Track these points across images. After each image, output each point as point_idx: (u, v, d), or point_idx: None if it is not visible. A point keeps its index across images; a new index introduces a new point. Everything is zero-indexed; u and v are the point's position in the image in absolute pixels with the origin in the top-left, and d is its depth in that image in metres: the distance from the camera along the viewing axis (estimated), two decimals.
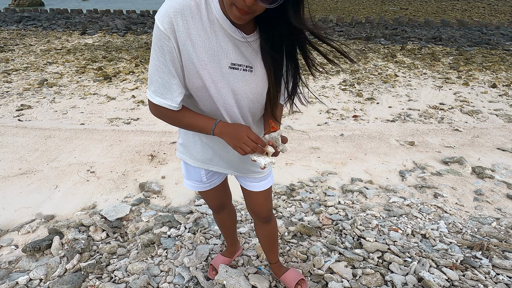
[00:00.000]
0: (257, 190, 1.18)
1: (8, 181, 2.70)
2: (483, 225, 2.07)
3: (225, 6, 0.79)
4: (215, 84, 0.88)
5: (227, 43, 0.86)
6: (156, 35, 0.83)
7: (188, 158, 1.13)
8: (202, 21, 0.82)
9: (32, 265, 1.70)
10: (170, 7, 0.80)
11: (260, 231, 1.37)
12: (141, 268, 1.62)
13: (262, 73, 0.92)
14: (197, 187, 1.23)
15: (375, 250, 1.68)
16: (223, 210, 1.40)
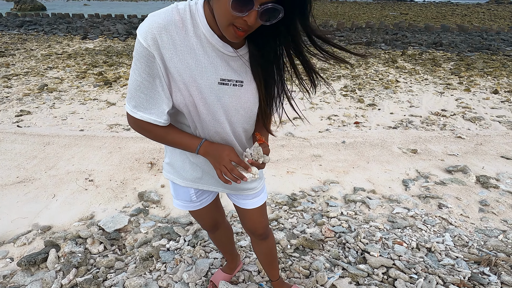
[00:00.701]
0: (250, 208, 1.14)
1: (5, 189, 2.66)
2: (489, 238, 2.02)
3: (220, 26, 0.76)
4: (204, 100, 0.85)
5: (215, 58, 0.83)
6: (138, 51, 0.79)
7: (176, 177, 1.09)
8: (188, 36, 0.80)
9: (27, 280, 1.66)
10: (154, 23, 0.77)
11: (258, 249, 1.33)
12: (139, 283, 1.57)
13: (253, 87, 0.89)
14: (187, 206, 1.18)
15: (380, 266, 1.64)
16: (217, 229, 1.35)
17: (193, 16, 0.80)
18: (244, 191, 1.10)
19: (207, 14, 0.80)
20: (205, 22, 0.80)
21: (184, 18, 0.79)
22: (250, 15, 0.71)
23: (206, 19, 0.80)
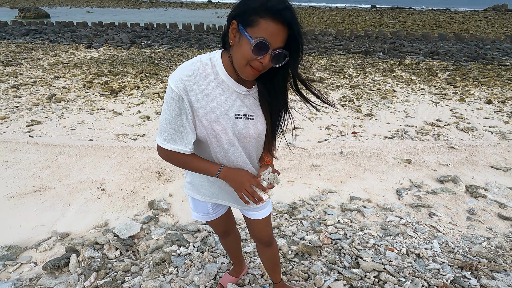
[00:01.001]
0: (258, 218, 1.32)
1: (23, 198, 2.83)
2: (474, 244, 2.19)
3: (238, 66, 0.96)
4: (224, 131, 1.04)
5: (232, 97, 1.03)
6: (169, 95, 0.99)
7: (196, 194, 1.28)
8: (210, 82, 1.00)
9: (52, 282, 1.83)
10: (183, 73, 0.98)
11: (263, 254, 1.50)
12: (154, 285, 1.75)
13: (262, 119, 1.09)
14: (204, 218, 1.37)
15: (372, 270, 1.81)
16: (228, 235, 1.53)
17: (213, 65, 1.00)
18: (253, 205, 1.28)
19: (225, 63, 1.01)
20: (223, 69, 1.01)
21: (206, 68, 1.00)
22: (265, 58, 0.91)
23: (224, 67, 1.01)
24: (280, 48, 0.91)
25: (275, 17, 0.87)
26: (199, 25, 16.59)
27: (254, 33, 0.88)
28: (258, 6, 0.87)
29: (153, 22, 18.13)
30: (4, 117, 5.07)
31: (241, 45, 0.92)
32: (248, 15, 0.89)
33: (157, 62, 9.11)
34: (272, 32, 0.88)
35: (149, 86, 6.97)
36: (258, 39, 0.87)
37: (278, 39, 0.89)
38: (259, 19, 0.87)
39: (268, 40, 0.88)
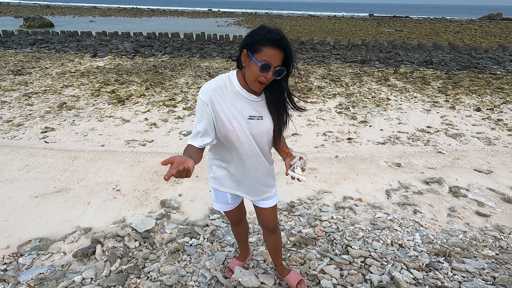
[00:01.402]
0: (266, 207, 1.62)
1: (46, 198, 3.12)
2: (451, 237, 2.47)
3: (249, 81, 1.30)
4: (241, 129, 1.37)
5: (245, 103, 1.36)
6: (199, 103, 1.34)
7: (220, 186, 1.59)
8: (228, 93, 1.34)
9: (82, 268, 2.10)
10: (210, 87, 1.33)
11: (268, 240, 1.78)
12: (171, 269, 2.02)
13: (269, 119, 1.42)
14: (224, 208, 1.67)
15: (359, 256, 2.09)
16: (240, 224, 1.83)
17: (230, 81, 1.35)
18: (264, 194, 1.58)
19: (239, 79, 1.35)
20: (238, 83, 1.35)
21: (226, 83, 1.34)
22: (269, 74, 1.25)
23: (238, 81, 1.34)
24: (279, 66, 1.24)
25: (273, 45, 1.21)
26: (201, 34, 17.04)
27: (260, 57, 1.22)
28: (261, 38, 1.22)
29: (155, 31, 18.59)
30: (19, 124, 5.37)
31: (250, 66, 1.25)
32: (254, 44, 1.23)
33: (161, 71, 9.47)
34: (272, 56, 1.22)
35: (155, 94, 7.30)
36: (263, 61, 1.21)
37: (277, 59, 1.23)
38: (262, 47, 1.22)
39: (270, 62, 1.22)
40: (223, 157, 1.49)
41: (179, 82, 8.37)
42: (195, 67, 10.13)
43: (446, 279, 1.87)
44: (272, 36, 1.20)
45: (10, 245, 2.41)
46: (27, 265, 2.16)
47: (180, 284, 1.92)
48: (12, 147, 4.34)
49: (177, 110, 6.32)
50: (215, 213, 2.86)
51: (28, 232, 2.57)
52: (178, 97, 7.10)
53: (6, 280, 1.97)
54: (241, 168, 1.48)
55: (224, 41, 16.01)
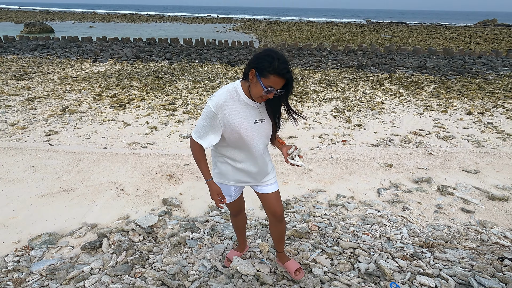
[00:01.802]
0: (270, 192, 1.79)
1: (53, 197, 3.27)
2: (436, 231, 2.63)
3: (254, 96, 1.51)
4: (250, 131, 1.58)
5: (250, 110, 1.57)
6: (208, 111, 1.53)
7: (225, 180, 1.77)
8: (235, 102, 1.55)
9: (90, 259, 2.25)
10: (220, 101, 1.53)
11: (275, 228, 1.92)
12: (174, 260, 2.17)
13: (269, 121, 1.65)
14: (228, 199, 1.85)
15: (349, 247, 2.24)
16: (239, 215, 1.99)
17: (237, 92, 1.55)
18: (265, 178, 1.77)
19: (244, 89, 1.55)
20: (243, 93, 1.55)
21: (233, 94, 1.54)
22: (271, 94, 1.47)
23: (243, 91, 1.55)
24: (279, 89, 1.48)
25: (279, 76, 1.44)
26: (200, 40, 17.30)
27: (266, 82, 1.45)
28: (270, 68, 1.43)
29: (155, 36, 18.85)
30: (23, 128, 5.52)
31: (257, 86, 1.48)
32: (263, 70, 1.44)
33: (161, 76, 9.66)
34: (276, 82, 1.45)
35: (155, 99, 7.47)
36: (268, 87, 1.45)
37: (279, 85, 1.47)
38: (269, 75, 1.44)
39: (273, 87, 1.45)
40: (231, 156, 1.69)
41: (179, 86, 8.55)
42: (194, 72, 10.33)
43: (428, 267, 2.02)
44: (280, 69, 1.42)
45: (21, 240, 2.55)
46: (38, 257, 2.31)
47: (182, 273, 2.07)
48: (18, 149, 4.49)
49: (177, 114, 6.49)
50: (215, 210, 3.01)
51: (37, 228, 2.72)
52: (178, 101, 7.28)
53: (20, 270, 2.11)
54: (248, 162, 1.69)
55: (223, 47, 16.26)
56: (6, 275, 2.07)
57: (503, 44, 21.53)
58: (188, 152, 4.56)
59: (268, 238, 2.45)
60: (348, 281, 1.90)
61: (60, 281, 2.00)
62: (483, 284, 1.76)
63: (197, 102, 7.23)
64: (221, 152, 1.71)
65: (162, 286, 1.92)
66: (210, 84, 8.79)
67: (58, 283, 1.99)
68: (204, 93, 7.94)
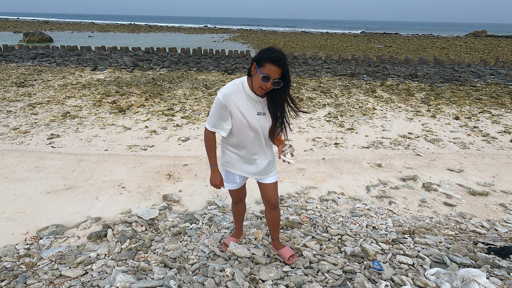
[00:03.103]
0: (269, 182, 1.97)
1: (58, 194, 3.42)
2: (419, 221, 2.83)
3: (254, 87, 1.70)
4: (252, 121, 1.76)
5: (254, 103, 1.76)
6: (217, 102, 1.73)
7: (232, 169, 1.94)
8: (241, 95, 1.74)
9: (96, 247, 2.41)
10: (227, 91, 1.72)
11: (270, 216, 2.10)
12: (175, 247, 2.34)
13: (269, 116, 1.81)
14: (232, 186, 2.02)
15: (337, 234, 2.43)
16: (240, 203, 2.16)
17: (243, 85, 1.74)
18: (267, 173, 1.94)
19: (249, 84, 1.74)
20: (248, 88, 1.74)
21: (239, 87, 1.74)
22: (268, 83, 1.63)
23: (248, 86, 1.74)
24: (277, 78, 1.64)
25: (274, 63, 1.61)
26: (197, 49, 17.66)
27: (263, 70, 1.62)
28: (266, 57, 1.62)
29: (153, 46, 19.19)
30: (25, 132, 5.68)
31: (256, 76, 1.66)
32: (261, 61, 1.64)
33: (160, 83, 9.89)
34: (272, 70, 1.61)
35: (154, 104, 7.68)
36: (264, 74, 1.61)
37: (276, 74, 1.61)
38: (265, 63, 1.62)
39: (269, 75, 1.61)
40: (236, 144, 1.86)
41: (177, 93, 8.78)
42: (192, 80, 10.58)
43: (408, 249, 2.21)
44: (274, 57, 1.60)
45: (29, 231, 2.70)
46: (47, 245, 2.46)
47: (183, 258, 2.23)
48: (21, 151, 4.64)
49: (175, 118, 6.69)
50: (212, 204, 3.19)
51: (44, 221, 2.87)
52: (176, 107, 7.49)
53: (31, 255, 2.26)
54: (249, 151, 1.86)
55: (220, 56, 16.61)
56: (18, 260, 2.22)
57: (492, 54, 22.19)
58: (186, 153, 4.75)
59: (262, 227, 2.63)
60: (335, 261, 2.08)
61: (69, 265, 2.15)
62: (455, 261, 1.95)
63: (195, 108, 7.45)
64: (228, 142, 1.88)
65: (164, 267, 2.09)
66: (207, 91, 9.04)
67: (67, 267, 2.14)
68: (201, 99, 8.17)
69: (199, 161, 4.40)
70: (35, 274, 2.06)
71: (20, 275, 2.00)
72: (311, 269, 2.01)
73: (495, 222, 2.87)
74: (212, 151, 1.87)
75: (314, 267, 2.03)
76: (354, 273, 1.93)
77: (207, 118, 6.81)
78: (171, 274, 1.92)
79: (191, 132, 5.93)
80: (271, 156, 1.95)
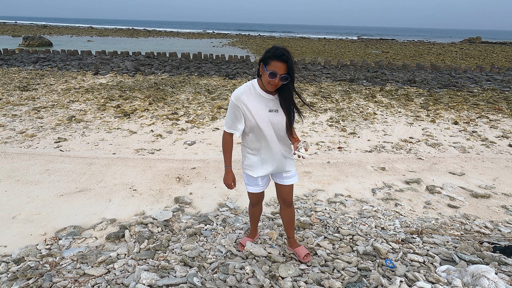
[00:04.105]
0: (288, 184, 2.05)
1: (71, 196, 3.48)
2: (425, 222, 2.93)
3: (265, 85, 1.78)
4: (264, 118, 1.84)
5: (265, 101, 1.84)
6: (230, 103, 1.83)
7: (253, 172, 2.00)
8: (252, 95, 1.83)
9: (115, 247, 2.47)
10: (239, 92, 1.82)
11: (284, 213, 2.18)
12: (192, 247, 2.41)
13: (282, 112, 1.88)
14: (255, 189, 2.08)
15: (348, 234, 2.52)
16: (257, 205, 2.24)
17: (254, 86, 1.83)
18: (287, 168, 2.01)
19: (260, 84, 1.83)
20: (259, 87, 1.83)
21: (250, 88, 1.83)
22: (276, 79, 1.71)
23: (259, 85, 1.83)
24: (283, 74, 1.72)
25: (278, 59, 1.70)
26: (198, 54, 17.81)
27: (269, 68, 1.72)
28: (271, 55, 1.72)
29: (153, 50, 19.32)
30: (32, 135, 5.73)
31: (264, 75, 1.76)
32: (266, 59, 1.74)
33: (162, 88, 9.99)
34: (277, 66, 1.70)
35: (158, 109, 7.76)
36: (270, 71, 1.70)
37: (281, 69, 1.69)
38: (271, 61, 1.71)
39: (275, 71, 1.69)
40: (253, 146, 1.94)
41: (180, 98, 8.88)
42: (194, 84, 10.69)
43: (417, 248, 2.30)
44: (278, 53, 1.70)
45: (47, 232, 2.76)
46: (66, 246, 2.52)
47: (201, 257, 2.31)
48: (30, 155, 4.70)
49: (180, 123, 6.78)
50: (224, 206, 3.27)
51: (61, 222, 2.93)
52: (180, 112, 7.58)
53: (53, 255, 2.33)
54: (268, 150, 1.92)
55: (220, 61, 16.77)
56: (41, 259, 2.29)
57: (487, 60, 22.59)
58: (193, 157, 4.83)
59: (275, 228, 2.72)
60: (349, 259, 2.17)
61: (91, 264, 2.22)
62: (464, 259, 2.05)
63: (199, 112, 7.54)
64: (247, 144, 1.97)
65: (184, 266, 2.16)
66: (210, 96, 9.14)
67: (90, 266, 2.21)
68: (204, 104, 8.27)
69: (206, 164, 4.49)
70: (59, 273, 2.12)
71: (45, 273, 2.07)
72: (327, 267, 2.10)
73: (498, 223, 2.98)
74: (227, 153, 1.96)
75: (330, 265, 2.12)
76: (368, 270, 2.02)
77: (211, 122, 6.92)
78: (193, 272, 2.00)
79: (197, 136, 6.02)
80: (288, 153, 2.00)
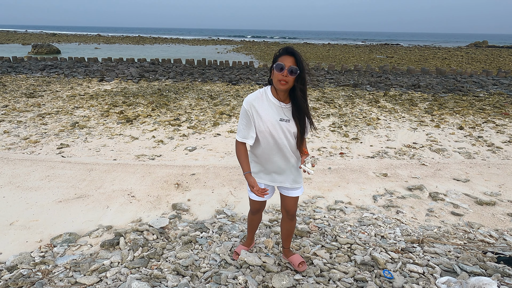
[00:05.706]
0: (294, 196, 2.00)
1: (69, 202, 3.48)
2: (427, 230, 2.85)
3: (275, 84, 1.72)
4: (274, 127, 1.79)
5: (277, 109, 1.79)
6: (242, 109, 1.80)
7: (258, 179, 1.96)
8: (264, 102, 1.79)
9: (109, 255, 2.45)
10: (250, 98, 1.79)
11: (285, 225, 2.14)
12: (186, 255, 2.37)
13: (293, 122, 1.81)
14: (258, 197, 2.01)
15: (346, 243, 2.45)
16: (257, 213, 2.19)
17: (266, 93, 1.79)
18: (293, 183, 1.95)
19: (272, 91, 1.79)
20: (271, 95, 1.78)
21: (262, 95, 1.79)
22: (284, 72, 1.64)
23: (271, 93, 1.78)
24: (291, 65, 1.63)
25: (284, 53, 1.68)
26: (202, 60, 17.95)
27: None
28: (278, 53, 1.71)
29: (158, 57, 19.55)
30: (36, 141, 5.79)
31: (274, 74, 1.70)
32: (275, 59, 1.71)
33: (166, 94, 10.05)
34: (284, 59, 1.65)
35: (160, 115, 7.80)
36: (277, 63, 1.66)
37: (288, 62, 1.64)
38: (278, 58, 1.69)
39: (283, 63, 1.64)
40: (260, 154, 1.89)
41: (182, 104, 8.91)
42: (197, 90, 10.74)
43: (417, 258, 2.23)
44: (285, 49, 1.71)
45: (42, 239, 2.75)
46: (61, 253, 2.50)
47: (195, 266, 2.27)
48: (32, 161, 4.73)
49: (182, 128, 6.79)
50: (221, 213, 3.23)
51: (57, 229, 2.92)
52: (182, 117, 7.60)
53: (46, 262, 2.31)
54: (275, 160, 1.86)
55: (224, 67, 16.87)
56: (34, 267, 2.27)
57: (493, 64, 22.32)
58: (193, 163, 4.81)
59: (271, 236, 2.66)
60: (346, 269, 2.10)
61: (83, 272, 2.20)
62: (465, 270, 1.97)
63: (201, 118, 7.55)
64: (254, 151, 1.92)
65: (177, 275, 2.12)
66: (212, 102, 9.17)
67: (82, 274, 2.18)
68: (207, 110, 8.29)
69: (206, 170, 4.46)
70: (51, 281, 2.10)
71: (37, 282, 2.05)
72: (323, 277, 2.04)
73: (504, 231, 2.88)
74: (243, 158, 1.85)
75: (325, 275, 2.06)
76: (365, 281, 1.96)
77: (212, 128, 6.91)
78: (185, 281, 1.96)
79: (198, 142, 6.01)
80: (297, 165, 1.94)
